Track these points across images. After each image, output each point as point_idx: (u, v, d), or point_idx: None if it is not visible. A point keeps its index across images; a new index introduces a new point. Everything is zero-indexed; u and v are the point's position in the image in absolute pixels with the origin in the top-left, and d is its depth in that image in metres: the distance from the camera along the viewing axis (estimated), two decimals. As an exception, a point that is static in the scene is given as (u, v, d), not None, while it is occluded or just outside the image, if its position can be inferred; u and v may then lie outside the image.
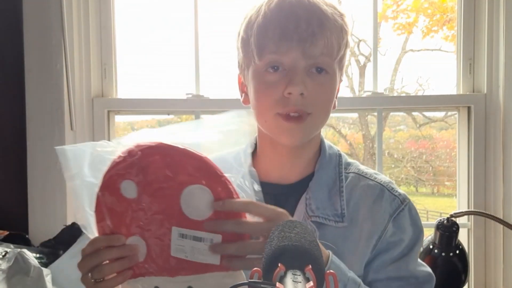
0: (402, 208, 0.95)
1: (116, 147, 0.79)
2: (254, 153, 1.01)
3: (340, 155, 1.01)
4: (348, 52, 0.98)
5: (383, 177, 0.99)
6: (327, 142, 1.02)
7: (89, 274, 0.77)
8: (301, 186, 0.97)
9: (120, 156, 0.76)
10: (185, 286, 0.75)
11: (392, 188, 0.97)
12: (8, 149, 1.60)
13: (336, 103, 0.98)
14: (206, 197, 0.74)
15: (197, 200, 0.74)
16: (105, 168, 0.77)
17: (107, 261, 0.77)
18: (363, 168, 1.01)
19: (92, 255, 0.77)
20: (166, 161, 0.75)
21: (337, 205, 0.94)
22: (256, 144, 1.02)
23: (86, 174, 0.79)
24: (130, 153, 0.76)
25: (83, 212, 0.79)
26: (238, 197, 0.76)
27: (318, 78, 0.90)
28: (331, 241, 0.90)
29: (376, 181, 0.97)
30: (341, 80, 0.98)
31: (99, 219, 0.78)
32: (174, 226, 0.75)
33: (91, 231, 0.79)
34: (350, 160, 1.02)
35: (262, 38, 0.90)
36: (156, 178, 0.75)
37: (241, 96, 1.00)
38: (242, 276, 0.74)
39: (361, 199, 0.95)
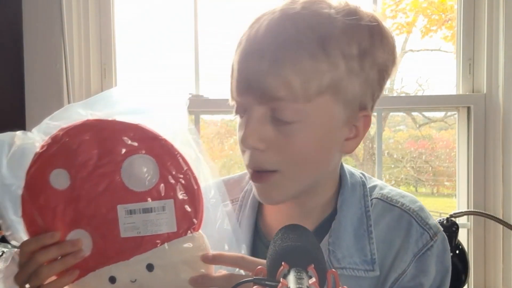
0: (430, 245, 0.77)
1: (36, 138, 0.71)
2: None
3: (364, 183, 0.82)
4: (365, 79, 0.73)
5: (411, 201, 0.80)
6: (347, 168, 0.84)
7: (27, 285, 0.66)
8: (322, 230, 0.79)
9: (43, 146, 0.69)
10: (145, 265, 0.68)
11: (422, 219, 0.78)
12: (8, 149, 1.60)
13: (353, 145, 0.76)
14: (148, 165, 0.68)
15: (139, 170, 0.68)
16: (27, 163, 0.69)
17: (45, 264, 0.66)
18: (387, 190, 0.82)
19: (26, 263, 0.66)
20: (97, 137, 0.69)
21: (366, 249, 0.77)
22: None
23: (5, 175, 0.69)
24: (54, 140, 0.69)
25: (10, 222, 0.69)
26: (182, 157, 0.68)
27: (285, 127, 0.71)
28: None
29: (403, 209, 0.79)
30: (359, 118, 0.74)
31: (29, 224, 0.69)
32: (119, 205, 0.68)
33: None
34: (373, 182, 0.84)
35: (231, 75, 0.75)
36: (90, 158, 0.68)
37: None
38: (202, 238, 0.69)
39: (382, 233, 0.78)
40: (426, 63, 1.95)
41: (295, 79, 0.68)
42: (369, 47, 0.72)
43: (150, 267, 0.68)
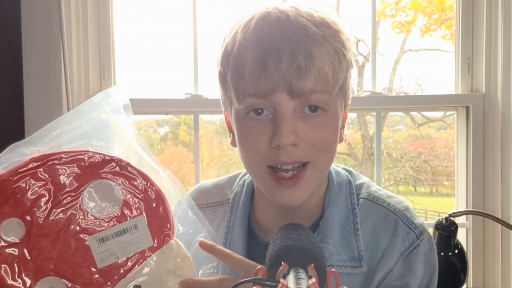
0: (417, 244, 0.78)
1: None
2: (252, 196, 0.88)
3: (350, 182, 0.85)
4: (351, 73, 0.80)
5: (397, 201, 0.82)
6: (333, 167, 0.86)
7: None
8: (312, 230, 0.80)
9: None
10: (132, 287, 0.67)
11: (407, 218, 0.80)
12: (7, 149, 1.60)
13: (343, 133, 0.81)
14: (109, 188, 0.67)
15: (102, 196, 0.66)
16: None
17: None
18: (374, 189, 0.85)
19: None
20: (49, 173, 0.66)
21: (352, 246, 0.79)
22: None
23: None
24: None
25: None
26: (140, 172, 0.68)
27: (313, 120, 0.74)
28: None
29: (389, 209, 0.81)
30: (346, 106, 0.81)
31: None
32: (89, 236, 0.65)
33: None
34: (359, 179, 0.87)
35: (239, 78, 0.74)
36: (43, 197, 0.65)
37: (229, 136, 0.84)
38: (178, 244, 0.70)
39: (369, 232, 0.80)
40: (425, 62, 1.95)
41: (329, 72, 0.72)
42: (341, 44, 0.76)
43: None
